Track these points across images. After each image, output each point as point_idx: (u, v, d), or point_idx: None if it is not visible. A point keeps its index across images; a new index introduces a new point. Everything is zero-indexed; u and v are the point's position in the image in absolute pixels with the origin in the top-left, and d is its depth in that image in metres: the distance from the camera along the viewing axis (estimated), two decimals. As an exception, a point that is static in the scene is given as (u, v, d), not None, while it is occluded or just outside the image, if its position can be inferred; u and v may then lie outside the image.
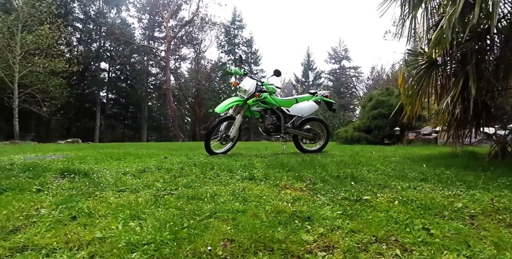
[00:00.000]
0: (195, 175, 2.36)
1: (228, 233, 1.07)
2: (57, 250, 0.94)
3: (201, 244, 0.97)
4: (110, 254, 0.91)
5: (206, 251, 0.93)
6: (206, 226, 1.13)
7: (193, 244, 0.97)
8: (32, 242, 0.99)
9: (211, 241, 0.99)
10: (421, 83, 3.77)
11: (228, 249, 0.96)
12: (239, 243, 1.00)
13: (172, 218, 1.21)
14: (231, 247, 0.97)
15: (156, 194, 1.68)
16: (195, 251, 0.93)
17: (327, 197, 1.72)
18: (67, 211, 1.31)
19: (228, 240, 1.02)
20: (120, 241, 0.98)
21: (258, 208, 1.41)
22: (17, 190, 1.79)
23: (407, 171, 2.88)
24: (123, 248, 0.94)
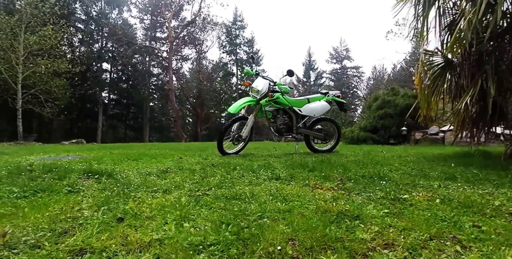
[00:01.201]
0: (220, 175, 2.34)
1: (286, 232, 1.06)
2: (118, 253, 0.93)
3: (267, 243, 0.96)
4: (176, 255, 0.90)
5: (276, 251, 0.92)
6: (261, 226, 1.11)
7: (259, 244, 0.96)
8: (89, 245, 0.98)
9: (274, 240, 0.98)
10: (437, 83, 3.77)
11: (296, 248, 0.95)
12: (301, 242, 0.99)
13: (222, 218, 1.20)
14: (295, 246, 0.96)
15: (191, 195, 1.67)
16: (265, 251, 0.92)
17: (364, 196, 1.71)
18: (110, 213, 1.30)
19: (289, 239, 1.01)
20: (181, 242, 0.97)
21: (302, 208, 1.41)
22: (48, 191, 1.78)
23: (428, 171, 2.87)
24: (187, 250, 0.93)
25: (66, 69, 15.83)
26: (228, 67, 32.24)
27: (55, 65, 15.28)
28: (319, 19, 64.70)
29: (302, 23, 68.27)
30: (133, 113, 29.68)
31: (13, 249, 0.96)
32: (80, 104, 24.51)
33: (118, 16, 26.37)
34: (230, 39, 31.32)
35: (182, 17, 27.15)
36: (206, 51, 29.63)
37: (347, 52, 35.59)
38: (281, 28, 68.04)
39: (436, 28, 4.18)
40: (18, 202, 1.55)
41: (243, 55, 32.28)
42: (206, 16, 25.29)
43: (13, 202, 1.54)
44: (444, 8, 4.17)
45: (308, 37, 70.04)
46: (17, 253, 0.94)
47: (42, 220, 1.22)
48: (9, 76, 14.28)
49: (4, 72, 14.06)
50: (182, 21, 27.13)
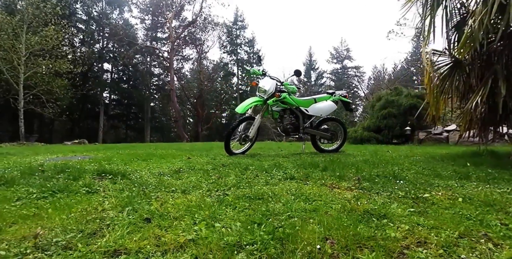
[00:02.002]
0: (234, 175, 2.34)
1: (318, 231, 1.06)
2: (153, 254, 0.92)
3: (303, 243, 0.95)
4: (214, 256, 0.89)
5: (315, 250, 0.91)
6: (293, 225, 1.11)
7: (295, 243, 0.95)
8: (122, 246, 0.97)
9: (310, 239, 0.98)
10: (445, 83, 3.76)
11: (334, 246, 0.95)
12: (336, 241, 0.99)
13: (251, 218, 1.19)
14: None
15: (211, 195, 1.66)
16: (304, 250, 0.92)
17: (384, 196, 1.71)
18: (135, 213, 1.29)
19: (324, 238, 1.00)
20: (216, 242, 0.96)
21: (326, 207, 1.40)
22: (65, 192, 1.77)
23: (440, 170, 2.86)
24: (224, 249, 0.92)
25: (67, 69, 15.82)
26: (229, 67, 32.22)
27: (57, 65, 15.27)
28: (319, 19, 64.74)
29: (302, 23, 68.31)
30: (134, 113, 29.67)
31: (46, 251, 0.95)
32: (81, 105, 24.50)
33: (119, 17, 26.38)
34: (230, 39, 31.32)
35: (183, 17, 27.15)
36: (207, 51, 29.65)
37: (347, 52, 35.62)
38: (281, 28, 68.08)
39: (443, 28, 4.18)
40: (39, 202, 1.55)
41: (243, 55, 32.28)
42: (207, 16, 25.29)
43: (33, 203, 1.54)
44: (452, 8, 4.17)
45: (308, 37, 70.09)
46: (51, 255, 0.93)
47: (68, 221, 1.21)
48: (11, 77, 14.27)
49: (6, 72, 14.04)
50: (183, 21, 27.12)
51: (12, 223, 1.25)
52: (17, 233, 1.12)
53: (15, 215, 1.33)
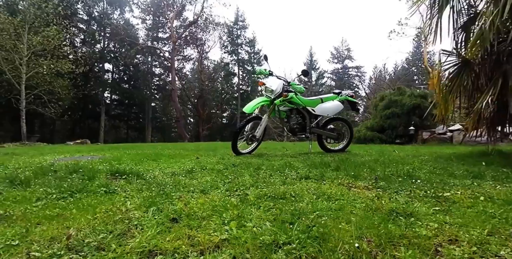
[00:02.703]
0: (248, 175, 2.33)
1: (350, 230, 1.05)
2: (189, 254, 0.91)
3: (339, 241, 0.95)
4: (252, 255, 0.88)
5: (354, 248, 0.91)
6: (325, 224, 1.10)
7: (332, 242, 0.95)
8: (156, 246, 0.96)
9: (345, 238, 0.98)
10: (454, 83, 3.76)
11: (372, 245, 0.95)
12: (373, 239, 0.99)
13: (280, 217, 1.18)
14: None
15: (231, 195, 1.66)
16: (343, 248, 0.91)
17: (404, 195, 1.70)
18: (161, 213, 1.28)
19: (357, 237, 1.00)
20: (252, 241, 0.95)
21: (350, 206, 1.40)
22: (83, 192, 1.76)
23: (451, 169, 2.86)
24: (261, 249, 0.91)
25: (69, 69, 15.81)
26: (229, 67, 32.22)
27: (59, 65, 15.26)
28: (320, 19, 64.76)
29: (303, 23, 68.31)
30: (135, 113, 29.66)
31: (80, 252, 0.94)
32: (82, 105, 24.49)
33: (120, 17, 26.37)
34: (231, 39, 31.31)
35: (184, 17, 27.15)
36: (208, 51, 29.65)
37: (348, 52, 35.64)
38: (282, 28, 68.10)
39: (450, 28, 4.18)
40: (59, 203, 1.54)
41: (244, 55, 32.29)
42: (208, 16, 25.28)
43: (54, 203, 1.53)
44: (460, 9, 4.17)
45: (309, 37, 70.11)
46: (85, 256, 0.92)
47: (94, 221, 1.20)
48: (13, 77, 14.26)
49: (8, 73, 14.03)
50: (184, 21, 27.12)
51: (37, 224, 1.25)
52: (45, 234, 1.11)
53: (38, 216, 1.32)
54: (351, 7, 63.40)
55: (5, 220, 1.30)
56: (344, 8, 64.44)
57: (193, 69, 33.27)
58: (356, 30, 61.69)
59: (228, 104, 33.99)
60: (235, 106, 32.49)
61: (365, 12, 62.08)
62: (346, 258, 0.87)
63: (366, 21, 65.35)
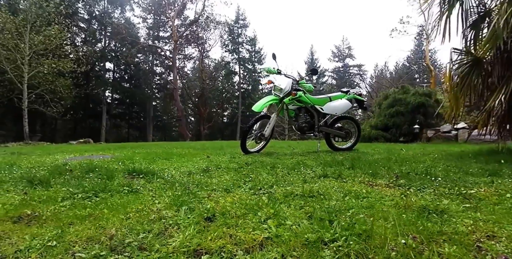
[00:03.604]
0: (266, 174, 2.33)
1: (389, 227, 1.05)
2: (236, 253, 0.90)
3: (382, 238, 0.95)
4: (299, 253, 0.88)
5: (401, 244, 0.91)
6: (363, 221, 1.10)
7: (377, 239, 0.95)
8: (200, 245, 0.95)
9: (388, 235, 0.98)
10: (464, 81, 3.76)
11: (417, 241, 0.95)
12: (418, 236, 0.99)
13: (316, 215, 1.18)
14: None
15: (255, 193, 1.65)
16: (390, 245, 0.91)
17: (428, 192, 1.70)
18: (193, 212, 1.27)
19: (398, 233, 1.00)
20: (296, 239, 0.95)
21: (380, 204, 1.40)
22: (106, 191, 1.76)
23: (465, 167, 2.85)
24: (308, 246, 0.91)
25: (71, 69, 15.77)
26: (230, 66, 32.17)
27: (60, 65, 15.22)
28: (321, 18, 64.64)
29: (304, 21, 68.17)
30: (136, 112, 29.63)
31: (123, 253, 0.93)
32: (83, 104, 24.46)
33: (121, 16, 26.29)
34: (232, 38, 31.24)
35: (185, 16, 27.07)
36: (209, 50, 29.59)
37: (349, 51, 35.57)
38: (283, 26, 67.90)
39: (459, 26, 4.17)
40: (86, 202, 1.53)
41: (245, 54, 32.23)
42: (209, 15, 25.21)
43: (81, 203, 1.52)
44: (469, 7, 4.15)
45: (310, 36, 69.98)
46: (130, 256, 0.91)
47: (128, 221, 1.20)
48: (15, 76, 14.22)
49: (10, 72, 14.00)
50: (185, 20, 27.05)
51: (69, 224, 1.24)
52: (81, 234, 1.10)
53: (69, 216, 1.31)
54: (351, 5, 63.29)
55: (35, 220, 1.30)
56: (344, 6, 64.29)
57: (194, 68, 33.22)
58: (357, 29, 61.65)
59: (229, 103, 33.96)
60: (236, 105, 32.47)
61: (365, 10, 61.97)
62: (395, 254, 0.87)
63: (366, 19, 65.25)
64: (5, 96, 15.41)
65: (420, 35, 25.12)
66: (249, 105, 31.74)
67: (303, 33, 66.73)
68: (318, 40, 72.67)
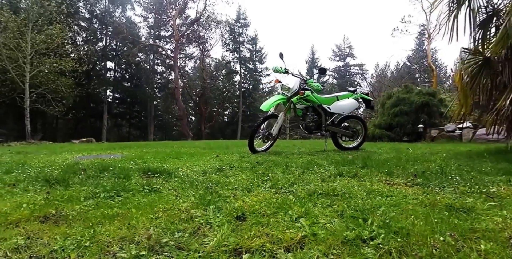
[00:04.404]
0: (281, 173, 2.32)
1: (420, 224, 1.06)
2: (276, 251, 0.90)
3: (423, 235, 0.95)
4: (340, 251, 0.88)
5: (440, 241, 0.91)
6: (396, 219, 1.11)
7: (415, 236, 0.96)
8: (238, 245, 0.95)
9: (424, 232, 0.98)
10: (474, 81, 3.76)
11: (455, 238, 0.95)
12: (445, 233, 0.99)
13: (347, 213, 1.18)
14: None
15: (277, 192, 1.65)
16: (429, 242, 0.91)
17: (449, 191, 1.70)
18: (221, 211, 1.27)
19: (433, 231, 1.00)
20: (334, 237, 0.95)
21: (405, 202, 1.40)
22: (127, 191, 1.75)
23: (477, 166, 2.85)
24: (347, 244, 0.91)
25: (72, 68, 15.74)
26: (231, 65, 32.14)
27: (62, 64, 15.19)
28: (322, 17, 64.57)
29: (305, 21, 68.11)
30: (137, 112, 29.61)
31: (163, 252, 0.93)
32: (84, 103, 24.44)
33: (122, 15, 26.26)
34: (233, 37, 31.21)
35: (186, 15, 27.05)
36: (210, 49, 29.55)
37: (350, 50, 35.56)
38: (284, 25, 67.85)
39: (466, 26, 4.16)
40: (109, 202, 1.53)
41: (246, 53, 32.20)
42: (210, 14, 25.18)
43: (105, 202, 1.52)
44: (478, 7, 4.15)
45: (311, 35, 69.96)
46: (170, 256, 0.91)
47: (158, 220, 1.19)
48: (17, 76, 14.20)
49: (12, 71, 13.97)
50: (185, 19, 27.02)
51: (97, 224, 1.23)
52: (113, 234, 1.10)
53: (96, 215, 1.31)
54: (352, 4, 63.21)
55: (63, 220, 1.29)
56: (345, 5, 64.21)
57: (195, 67, 33.18)
58: (358, 28, 61.61)
59: (230, 103, 33.94)
60: (236, 105, 32.45)
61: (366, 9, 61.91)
62: (438, 251, 0.87)
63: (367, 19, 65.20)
64: (7, 96, 15.39)
65: (422, 35, 25.08)
66: (250, 104, 31.78)
67: (304, 33, 66.76)
68: (319, 40, 72.68)
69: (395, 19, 40.90)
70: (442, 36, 4.27)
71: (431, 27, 17.92)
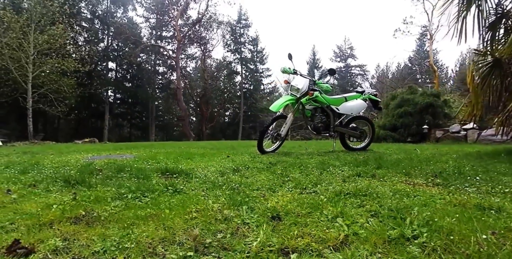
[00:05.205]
0: (299, 174, 2.33)
1: (457, 223, 1.06)
2: (322, 250, 0.91)
3: (466, 234, 0.96)
4: (387, 249, 0.88)
5: (483, 239, 0.92)
6: (432, 217, 1.11)
7: (457, 234, 0.96)
8: (284, 244, 0.95)
9: (463, 230, 0.99)
10: (484, 82, 3.77)
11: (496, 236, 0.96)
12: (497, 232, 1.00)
13: (382, 213, 1.19)
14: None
15: (302, 193, 1.65)
16: (472, 240, 0.92)
17: (471, 191, 1.71)
18: (254, 212, 1.27)
19: (472, 229, 1.01)
20: (378, 236, 0.95)
21: (432, 202, 1.41)
22: (151, 191, 1.75)
23: (492, 167, 2.86)
24: (393, 243, 0.92)
25: (75, 68, 15.74)
26: (232, 66, 32.15)
27: (65, 64, 15.19)
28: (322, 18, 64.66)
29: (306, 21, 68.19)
30: (138, 112, 29.61)
31: (210, 253, 0.93)
32: (86, 104, 24.43)
33: (124, 15, 26.28)
34: (234, 37, 31.22)
35: (188, 16, 27.08)
36: (211, 50, 29.56)
37: (351, 51, 35.58)
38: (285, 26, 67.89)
39: (474, 27, 4.17)
40: (137, 203, 1.53)
41: (247, 54, 32.20)
42: (212, 15, 25.21)
43: (132, 203, 1.52)
44: (487, 8, 4.16)
45: (312, 36, 70.03)
46: (218, 257, 0.91)
47: (194, 221, 1.19)
48: (19, 76, 14.19)
49: (14, 71, 13.97)
50: (187, 19, 27.05)
51: (131, 225, 1.23)
52: (152, 235, 1.10)
53: (129, 216, 1.30)
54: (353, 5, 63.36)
55: (96, 221, 1.29)
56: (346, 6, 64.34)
57: (196, 68, 33.19)
58: (359, 29, 61.72)
59: (231, 103, 33.94)
60: (237, 105, 32.46)
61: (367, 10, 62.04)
62: (486, 249, 0.88)
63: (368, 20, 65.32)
64: (9, 96, 15.38)
65: (423, 36, 25.13)
66: (251, 105, 31.78)
67: (305, 33, 66.81)
68: (320, 41, 72.75)
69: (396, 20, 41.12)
70: (451, 37, 4.28)
71: (433, 28, 17.98)
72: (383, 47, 63.81)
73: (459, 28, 4.18)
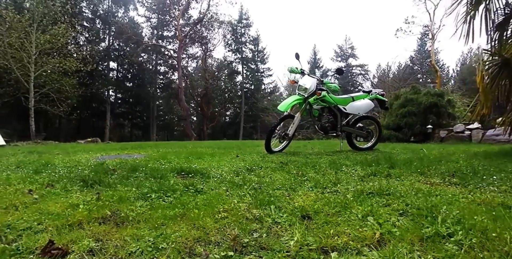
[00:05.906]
0: (313, 173, 2.33)
1: (486, 222, 1.07)
2: (360, 249, 0.91)
3: (500, 232, 0.97)
4: (424, 248, 0.89)
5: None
6: (462, 216, 1.12)
7: (490, 232, 0.98)
8: (322, 243, 0.96)
9: (499, 229, 1.00)
10: (493, 82, 3.78)
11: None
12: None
13: (412, 212, 1.20)
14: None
15: (323, 192, 1.66)
16: (508, 237, 0.93)
17: (491, 190, 1.72)
18: (282, 211, 1.28)
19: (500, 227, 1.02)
20: (412, 234, 0.96)
21: (455, 201, 1.41)
22: (172, 191, 1.75)
23: (502, 167, 2.86)
24: (429, 240, 0.93)
25: (77, 68, 15.74)
26: (233, 66, 32.14)
27: (67, 64, 15.19)
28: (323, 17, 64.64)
29: (307, 21, 68.17)
30: (140, 112, 29.59)
31: (251, 253, 0.93)
32: (87, 103, 24.41)
33: (125, 15, 26.26)
34: (235, 37, 31.21)
35: (189, 16, 27.06)
36: (212, 49, 29.54)
37: (352, 50, 35.57)
38: (286, 26, 67.91)
39: (482, 27, 4.17)
40: (161, 203, 1.53)
41: (248, 54, 32.19)
42: (213, 14, 25.20)
43: (157, 203, 1.52)
44: (495, 9, 4.16)
45: (312, 35, 70.02)
46: (260, 256, 0.91)
47: (225, 221, 1.20)
48: (21, 75, 14.18)
49: (16, 71, 13.96)
50: (188, 19, 27.03)
51: (162, 224, 1.23)
52: (186, 234, 1.10)
53: (158, 216, 1.31)
54: (354, 5, 63.32)
55: (124, 221, 1.29)
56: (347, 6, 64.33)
57: (197, 67, 33.17)
58: (360, 28, 61.69)
59: (232, 103, 33.94)
60: (238, 105, 32.45)
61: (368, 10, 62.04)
62: None
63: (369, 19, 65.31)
64: (11, 95, 15.38)
65: (425, 35, 25.14)
66: (252, 105, 31.77)
67: (306, 33, 66.80)
68: (321, 40, 72.78)
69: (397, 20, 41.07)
70: (459, 37, 4.29)
71: (434, 27, 17.98)
72: (384, 47, 63.83)
73: (467, 27, 4.18)
